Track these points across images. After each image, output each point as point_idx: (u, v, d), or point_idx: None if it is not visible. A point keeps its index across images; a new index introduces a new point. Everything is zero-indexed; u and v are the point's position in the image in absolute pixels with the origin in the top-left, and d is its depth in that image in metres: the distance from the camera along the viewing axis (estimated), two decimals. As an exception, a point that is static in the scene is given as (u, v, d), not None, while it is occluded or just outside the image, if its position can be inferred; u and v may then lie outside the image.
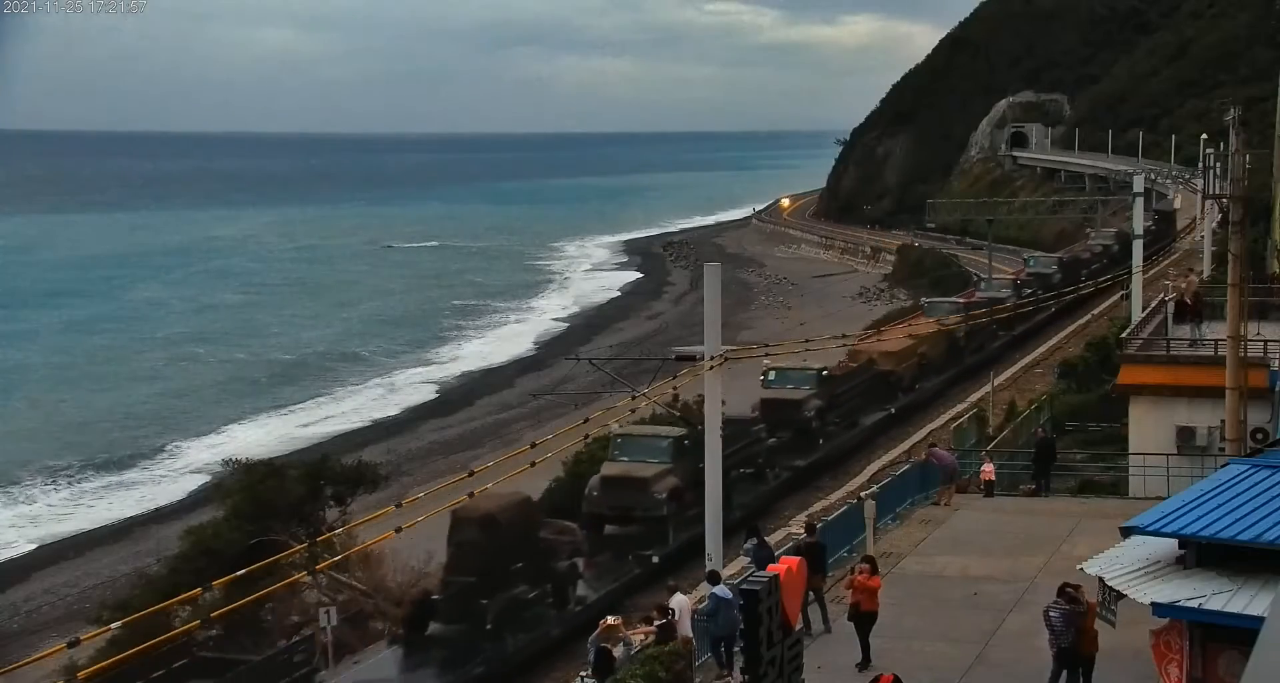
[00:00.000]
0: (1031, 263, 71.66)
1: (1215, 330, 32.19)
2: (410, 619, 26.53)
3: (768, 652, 16.18)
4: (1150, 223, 73.40)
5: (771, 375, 42.52)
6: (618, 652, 18.87)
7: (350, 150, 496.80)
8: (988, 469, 32.04)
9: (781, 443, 40.72)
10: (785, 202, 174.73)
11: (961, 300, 64.31)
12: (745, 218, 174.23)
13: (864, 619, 19.83)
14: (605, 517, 32.84)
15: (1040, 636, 18.22)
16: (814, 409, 41.86)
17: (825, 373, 43.31)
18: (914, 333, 50.62)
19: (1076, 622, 17.52)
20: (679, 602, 19.51)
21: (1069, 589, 17.67)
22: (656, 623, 19.06)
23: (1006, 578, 23.84)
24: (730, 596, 19.23)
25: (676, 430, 34.06)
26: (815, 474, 40.84)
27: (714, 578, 20.40)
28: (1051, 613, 17.78)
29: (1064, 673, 17.81)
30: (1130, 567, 14.38)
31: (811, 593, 21.35)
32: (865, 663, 19.43)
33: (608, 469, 32.92)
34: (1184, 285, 36.05)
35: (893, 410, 47.40)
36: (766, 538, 25.84)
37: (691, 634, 19.38)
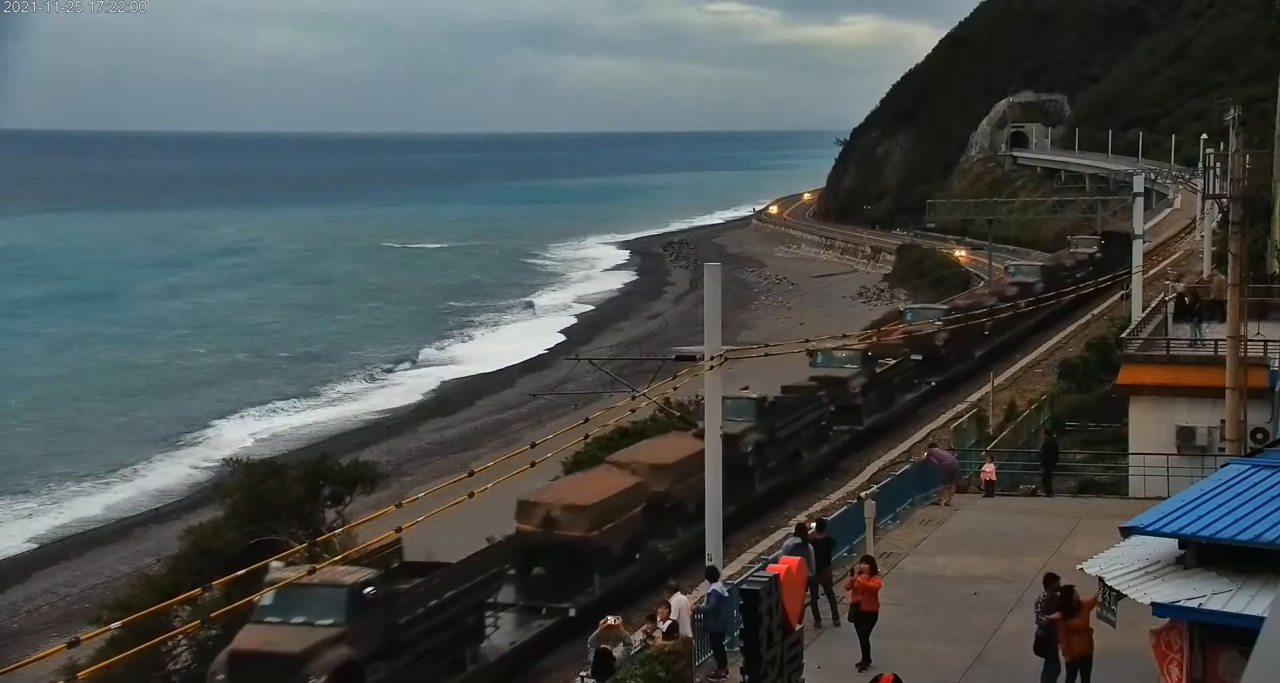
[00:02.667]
0: (909, 317, 54.24)
1: (1215, 330, 32.22)
2: None
3: (767, 652, 16.19)
4: (1095, 249, 68.93)
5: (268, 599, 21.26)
6: (617, 652, 18.84)
7: (351, 151, 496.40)
8: (988, 469, 32.08)
9: None
10: (774, 208, 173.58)
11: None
12: (746, 218, 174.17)
13: (864, 619, 19.85)
14: None
15: (1040, 636, 18.30)
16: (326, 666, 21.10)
17: (370, 594, 22.16)
18: (643, 461, 32.00)
19: (1045, 618, 17.85)
20: (678, 602, 19.48)
21: (1060, 585, 17.86)
22: (666, 623, 18.99)
23: (1006, 578, 23.85)
24: (728, 593, 19.24)
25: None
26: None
27: (713, 574, 20.40)
28: (1037, 604, 18.33)
29: (1052, 669, 17.83)
30: (1130, 567, 14.37)
31: (821, 587, 21.48)
32: (865, 663, 19.43)
33: None
34: (1213, 283, 36.03)
35: (585, 599, 27.75)
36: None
37: (691, 634, 19.37)
